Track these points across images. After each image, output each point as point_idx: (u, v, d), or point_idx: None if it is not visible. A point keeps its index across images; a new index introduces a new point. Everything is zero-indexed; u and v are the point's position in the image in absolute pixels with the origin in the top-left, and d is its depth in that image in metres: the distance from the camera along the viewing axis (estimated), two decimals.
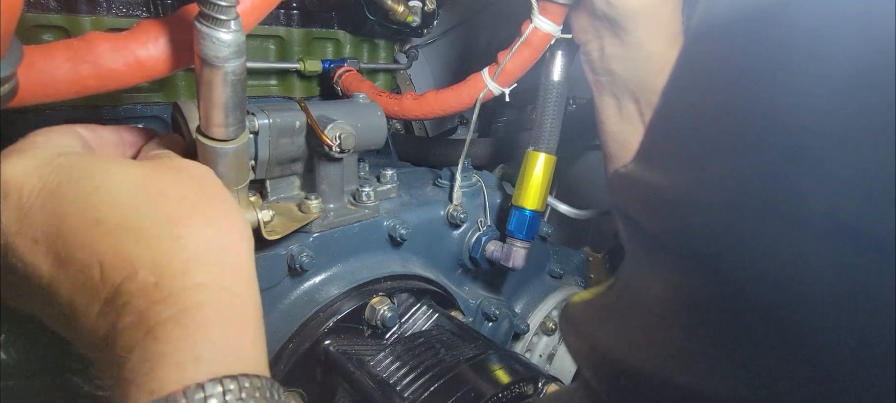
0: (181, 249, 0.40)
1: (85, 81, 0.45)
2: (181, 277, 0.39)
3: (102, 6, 0.79)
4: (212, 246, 0.42)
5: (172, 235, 0.41)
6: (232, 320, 0.40)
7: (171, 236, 0.41)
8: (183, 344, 0.37)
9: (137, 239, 0.40)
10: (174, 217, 0.42)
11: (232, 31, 0.42)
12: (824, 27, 0.19)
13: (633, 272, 0.27)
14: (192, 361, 0.37)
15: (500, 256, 0.81)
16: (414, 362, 0.63)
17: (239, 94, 0.46)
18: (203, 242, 0.42)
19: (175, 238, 0.41)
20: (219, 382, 0.35)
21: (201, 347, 0.37)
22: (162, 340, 0.37)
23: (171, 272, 0.39)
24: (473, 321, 0.86)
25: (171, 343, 0.37)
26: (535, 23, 0.73)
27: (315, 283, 0.68)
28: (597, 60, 0.72)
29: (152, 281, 0.39)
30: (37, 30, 0.74)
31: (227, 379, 0.36)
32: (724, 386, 0.21)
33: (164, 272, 0.39)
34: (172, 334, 0.37)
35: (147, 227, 0.41)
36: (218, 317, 0.39)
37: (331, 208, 0.68)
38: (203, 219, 0.43)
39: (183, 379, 0.35)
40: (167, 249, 0.40)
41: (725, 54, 0.23)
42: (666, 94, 0.27)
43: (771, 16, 0.21)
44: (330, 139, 0.63)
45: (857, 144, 0.17)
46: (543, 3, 0.72)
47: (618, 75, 0.71)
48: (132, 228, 0.40)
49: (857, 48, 0.18)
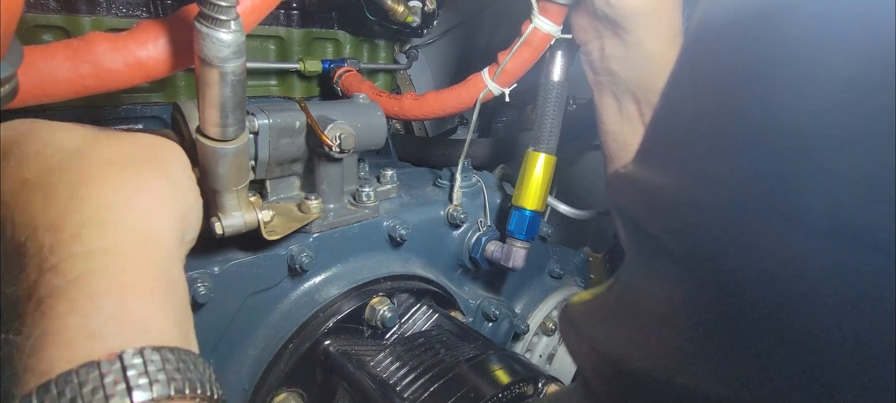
0: (77, 210, 0.37)
1: (85, 81, 0.45)
2: (71, 242, 0.36)
3: (102, 6, 0.79)
4: (116, 209, 0.38)
5: (75, 195, 0.37)
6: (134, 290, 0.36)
7: (72, 196, 0.37)
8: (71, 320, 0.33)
9: (44, 197, 0.37)
10: (81, 178, 0.38)
11: (232, 32, 0.42)
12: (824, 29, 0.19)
13: (632, 272, 0.27)
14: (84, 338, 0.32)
15: (500, 256, 0.81)
16: (414, 362, 0.63)
17: (239, 94, 0.46)
18: (106, 203, 0.38)
19: (76, 198, 0.37)
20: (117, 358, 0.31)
21: (93, 321, 0.33)
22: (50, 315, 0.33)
23: (63, 236, 0.36)
24: (473, 321, 0.86)
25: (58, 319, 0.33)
26: (535, 23, 0.73)
27: (315, 283, 0.68)
28: (597, 59, 0.72)
29: (47, 244, 0.35)
30: (37, 30, 0.74)
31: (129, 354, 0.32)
32: (722, 387, 0.21)
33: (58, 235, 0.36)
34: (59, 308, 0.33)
35: (56, 185, 0.38)
36: (114, 287, 0.35)
37: (331, 208, 0.68)
38: (118, 181, 0.39)
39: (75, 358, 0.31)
40: (64, 209, 0.37)
41: (725, 55, 0.23)
42: (666, 94, 0.27)
43: (771, 17, 0.21)
44: (330, 139, 0.63)
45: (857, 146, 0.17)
46: (543, 4, 0.72)
47: (618, 75, 0.71)
48: (44, 186, 0.38)
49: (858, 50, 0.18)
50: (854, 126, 0.18)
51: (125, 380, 0.31)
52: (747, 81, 0.21)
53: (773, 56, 0.20)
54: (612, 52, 0.70)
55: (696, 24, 0.26)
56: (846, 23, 0.18)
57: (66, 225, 0.36)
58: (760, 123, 0.20)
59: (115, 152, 0.41)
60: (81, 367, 0.31)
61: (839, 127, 0.18)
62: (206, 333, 0.60)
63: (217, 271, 0.59)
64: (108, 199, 0.38)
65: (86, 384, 0.30)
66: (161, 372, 0.32)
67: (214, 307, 0.59)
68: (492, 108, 1.37)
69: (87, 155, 0.40)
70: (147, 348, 0.33)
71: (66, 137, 0.41)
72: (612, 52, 0.70)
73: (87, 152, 0.40)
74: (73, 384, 0.30)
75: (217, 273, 0.58)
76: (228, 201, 0.53)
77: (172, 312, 0.37)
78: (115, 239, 0.37)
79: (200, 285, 0.56)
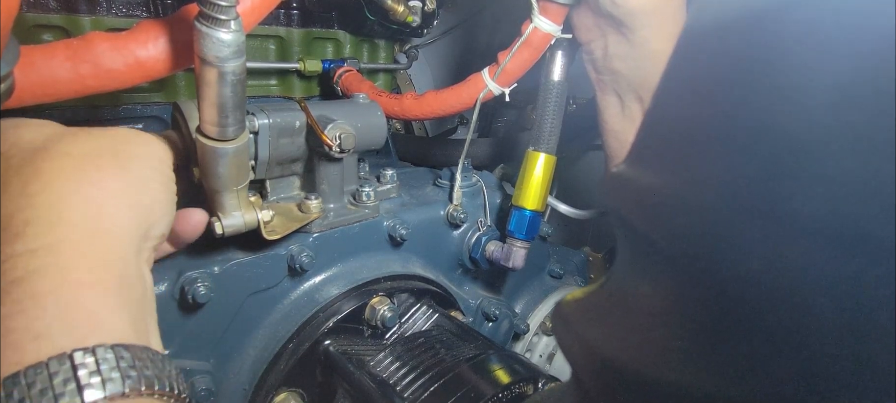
0: (24, 208, 0.36)
1: (85, 81, 0.45)
2: (15, 240, 0.35)
3: (102, 6, 0.79)
4: (65, 202, 0.37)
5: (25, 192, 0.36)
6: (83, 286, 0.35)
7: (22, 193, 0.36)
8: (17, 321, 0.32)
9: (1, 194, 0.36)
10: (40, 173, 0.37)
11: (232, 31, 0.42)
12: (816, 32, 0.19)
13: (624, 271, 0.27)
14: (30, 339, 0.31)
15: (500, 256, 0.81)
16: (414, 362, 0.63)
17: (239, 94, 0.46)
18: (56, 197, 0.36)
19: (26, 196, 0.36)
20: (67, 357, 0.31)
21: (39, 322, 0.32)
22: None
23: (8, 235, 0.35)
24: (473, 321, 0.86)
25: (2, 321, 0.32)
26: (536, 23, 0.73)
27: (315, 283, 0.68)
28: (600, 58, 0.72)
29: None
30: (37, 30, 0.74)
31: (79, 353, 0.31)
32: (710, 384, 0.21)
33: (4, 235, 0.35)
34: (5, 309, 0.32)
35: (11, 183, 0.37)
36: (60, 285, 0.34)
37: (331, 208, 0.68)
38: (71, 174, 0.38)
39: (22, 360, 0.31)
40: (13, 207, 0.36)
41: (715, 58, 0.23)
42: (657, 95, 0.27)
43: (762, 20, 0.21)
44: (330, 139, 0.63)
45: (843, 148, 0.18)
46: (544, 4, 0.72)
47: (621, 74, 0.71)
48: (3, 183, 0.37)
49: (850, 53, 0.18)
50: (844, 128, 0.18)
51: (76, 380, 0.30)
52: (735, 85, 0.22)
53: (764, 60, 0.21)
54: (615, 50, 0.70)
55: (687, 26, 0.26)
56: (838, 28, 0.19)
57: (12, 224, 0.35)
58: (748, 125, 0.21)
59: (76, 147, 0.39)
60: (29, 368, 0.30)
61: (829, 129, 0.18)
62: (206, 333, 0.60)
63: (217, 271, 0.59)
64: (58, 192, 0.37)
65: (34, 385, 0.29)
66: (114, 371, 0.31)
67: (214, 307, 0.59)
68: (492, 108, 1.37)
69: (47, 151, 0.38)
70: (99, 346, 0.32)
71: (33, 134, 0.40)
72: (615, 50, 0.70)
73: (48, 149, 0.39)
74: (21, 386, 0.29)
75: (217, 273, 0.58)
76: (228, 200, 0.53)
77: (127, 307, 0.36)
78: (61, 234, 0.36)
79: (200, 285, 0.56)
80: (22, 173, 0.37)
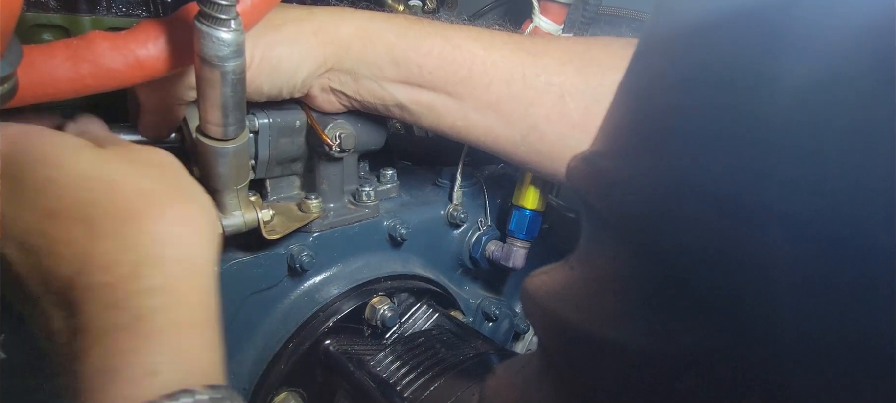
0: (129, 249, 0.38)
1: (85, 81, 0.45)
2: (130, 281, 0.37)
3: (102, 6, 0.79)
4: (164, 245, 0.39)
5: (120, 233, 0.38)
6: (186, 325, 0.38)
7: (118, 235, 0.38)
8: (135, 357, 0.35)
9: (87, 233, 0.38)
10: (125, 213, 0.39)
11: (232, 31, 0.42)
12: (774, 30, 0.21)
13: (584, 247, 0.31)
14: (147, 375, 0.35)
15: (500, 256, 0.81)
16: (414, 361, 0.63)
17: (239, 93, 0.46)
18: (154, 241, 0.39)
19: (123, 237, 0.38)
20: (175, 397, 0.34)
21: (155, 359, 0.35)
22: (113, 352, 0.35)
23: (120, 276, 0.37)
24: (473, 321, 0.86)
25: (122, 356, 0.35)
26: (536, 22, 0.73)
27: (315, 283, 0.68)
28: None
29: (104, 282, 0.37)
30: (37, 29, 0.74)
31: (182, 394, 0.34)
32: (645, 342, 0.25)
33: (114, 274, 0.37)
34: (124, 345, 0.35)
35: (97, 221, 0.38)
36: (170, 324, 0.37)
37: (331, 207, 0.68)
38: (156, 214, 0.40)
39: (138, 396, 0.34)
40: (116, 247, 0.38)
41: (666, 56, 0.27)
42: (618, 91, 0.30)
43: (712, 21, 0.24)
44: (330, 139, 0.63)
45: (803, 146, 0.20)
46: (544, 3, 0.72)
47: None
48: (82, 219, 0.38)
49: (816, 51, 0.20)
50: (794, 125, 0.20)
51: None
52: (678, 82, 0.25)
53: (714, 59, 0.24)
54: None
55: (645, 30, 0.30)
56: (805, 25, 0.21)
57: (122, 264, 0.37)
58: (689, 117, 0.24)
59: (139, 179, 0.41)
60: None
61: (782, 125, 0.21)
62: None
63: (217, 271, 0.58)
64: (155, 235, 0.39)
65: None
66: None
67: None
68: None
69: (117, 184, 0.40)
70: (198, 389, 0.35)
71: (73, 160, 0.41)
72: None
73: (113, 180, 0.40)
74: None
75: (217, 273, 0.58)
76: (229, 200, 0.53)
77: (216, 344, 0.40)
78: (168, 275, 0.38)
79: None
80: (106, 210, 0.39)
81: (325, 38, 0.58)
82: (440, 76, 0.60)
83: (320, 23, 0.58)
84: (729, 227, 0.21)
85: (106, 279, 0.37)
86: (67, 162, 0.40)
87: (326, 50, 0.58)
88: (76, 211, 0.38)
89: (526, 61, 0.61)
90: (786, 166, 0.20)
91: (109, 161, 0.42)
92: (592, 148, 0.31)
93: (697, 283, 0.23)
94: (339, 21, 0.59)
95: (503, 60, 0.61)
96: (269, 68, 0.56)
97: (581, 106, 0.61)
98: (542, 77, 0.61)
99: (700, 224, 0.22)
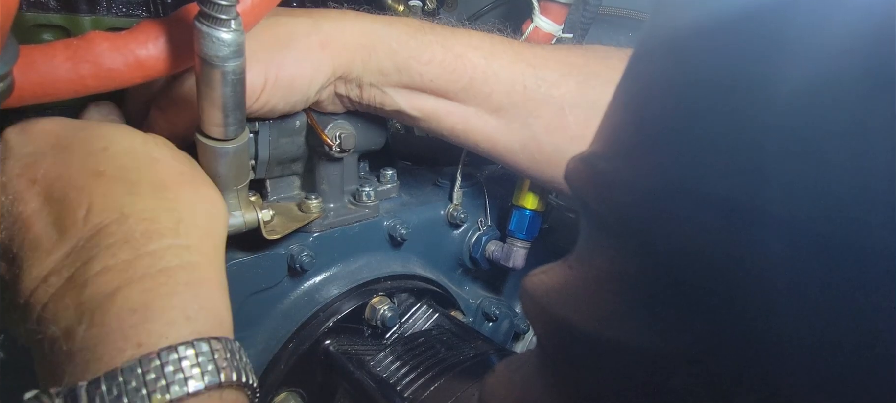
0: (171, 209, 0.43)
1: (85, 81, 0.45)
2: (171, 234, 0.41)
3: (102, 6, 0.79)
4: (199, 214, 0.45)
5: (164, 195, 0.43)
6: (212, 283, 0.42)
7: (162, 197, 0.43)
8: (174, 300, 0.38)
9: (130, 191, 0.42)
10: (167, 182, 0.44)
11: (232, 31, 0.42)
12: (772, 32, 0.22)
13: (582, 247, 0.31)
14: (183, 319, 0.38)
15: (500, 256, 0.81)
16: (414, 362, 0.63)
17: (239, 94, 0.46)
18: (191, 208, 0.44)
19: (167, 199, 0.43)
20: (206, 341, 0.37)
21: (191, 306, 0.39)
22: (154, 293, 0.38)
23: (161, 227, 0.41)
24: (473, 321, 0.86)
25: (163, 298, 0.38)
26: (536, 22, 0.73)
27: (315, 283, 0.68)
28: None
29: (142, 229, 0.40)
30: (37, 29, 0.74)
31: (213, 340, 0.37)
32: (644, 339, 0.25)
33: (156, 226, 0.41)
34: (164, 289, 0.38)
35: (140, 183, 0.43)
36: (203, 279, 0.41)
37: (331, 207, 0.68)
38: (192, 189, 0.46)
39: (175, 336, 0.36)
40: (159, 206, 0.42)
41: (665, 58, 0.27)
42: (616, 92, 0.30)
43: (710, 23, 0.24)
44: (330, 139, 0.63)
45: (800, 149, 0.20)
46: (545, 3, 0.73)
47: None
48: (127, 181, 0.43)
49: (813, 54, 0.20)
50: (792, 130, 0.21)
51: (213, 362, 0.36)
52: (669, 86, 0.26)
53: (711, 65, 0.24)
54: None
55: (644, 31, 0.30)
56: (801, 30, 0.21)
57: (164, 219, 0.42)
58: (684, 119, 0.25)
59: (177, 162, 0.48)
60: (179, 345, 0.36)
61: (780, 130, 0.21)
62: None
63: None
64: (190, 203, 0.45)
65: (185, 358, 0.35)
66: (224, 360, 0.37)
67: None
68: None
69: (160, 161, 0.46)
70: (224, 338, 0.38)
71: (126, 137, 0.46)
72: None
73: (157, 158, 0.46)
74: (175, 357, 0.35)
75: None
76: (229, 200, 0.53)
77: (230, 309, 0.44)
78: (199, 236, 0.43)
79: None
80: (148, 176, 0.44)
81: (333, 50, 0.58)
82: (441, 84, 0.61)
83: (327, 34, 0.58)
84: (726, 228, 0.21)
85: (146, 229, 0.40)
86: (119, 137, 0.46)
87: (335, 61, 0.58)
88: (121, 173, 0.43)
89: (526, 72, 0.62)
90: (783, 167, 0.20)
91: (151, 143, 0.47)
92: (591, 149, 0.31)
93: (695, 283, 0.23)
94: (343, 29, 0.59)
95: (504, 70, 0.61)
96: (283, 90, 0.56)
97: (580, 119, 0.62)
98: (542, 88, 0.62)
99: (698, 225, 0.22)
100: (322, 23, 0.58)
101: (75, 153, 0.44)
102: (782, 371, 0.21)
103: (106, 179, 0.42)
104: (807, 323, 0.20)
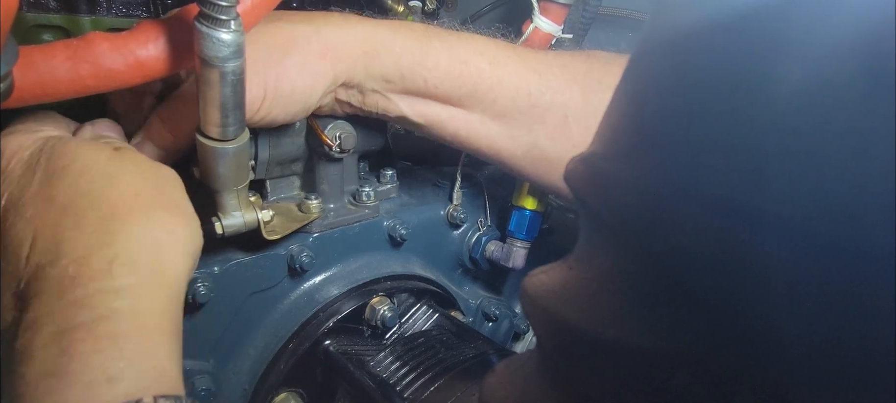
0: (108, 244, 0.37)
1: (85, 81, 0.45)
2: (100, 277, 0.36)
3: (102, 6, 0.79)
4: (145, 247, 0.39)
5: (106, 228, 0.38)
6: (151, 332, 0.37)
7: (104, 229, 0.38)
8: (93, 360, 0.33)
9: (74, 224, 0.37)
10: (116, 209, 0.39)
11: (232, 31, 0.42)
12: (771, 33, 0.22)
13: (582, 247, 0.31)
14: (103, 381, 0.33)
15: (500, 256, 0.81)
16: (414, 362, 0.63)
17: (239, 94, 0.46)
18: (136, 241, 0.39)
19: (108, 232, 0.38)
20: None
21: (114, 365, 0.33)
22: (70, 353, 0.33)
23: (91, 270, 0.36)
24: (473, 321, 0.86)
25: (80, 358, 0.33)
26: (536, 23, 0.73)
27: (315, 283, 0.68)
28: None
29: (71, 274, 0.35)
30: (37, 30, 0.74)
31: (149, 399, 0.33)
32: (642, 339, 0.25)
33: (85, 268, 0.36)
34: (83, 347, 0.33)
35: (86, 213, 0.38)
36: (135, 329, 0.36)
37: (331, 208, 0.68)
38: (146, 217, 0.40)
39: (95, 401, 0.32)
40: (95, 242, 0.37)
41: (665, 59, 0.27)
42: (616, 93, 0.31)
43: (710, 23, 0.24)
44: (330, 139, 0.63)
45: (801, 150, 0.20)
46: (544, 4, 0.73)
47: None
48: (75, 211, 0.38)
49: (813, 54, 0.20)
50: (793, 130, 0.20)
51: None
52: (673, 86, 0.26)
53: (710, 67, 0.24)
54: None
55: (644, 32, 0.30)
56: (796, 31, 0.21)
57: (96, 259, 0.36)
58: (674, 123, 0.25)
59: (139, 182, 0.42)
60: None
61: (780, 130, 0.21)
62: (206, 333, 0.60)
63: (217, 271, 0.58)
64: (135, 235, 0.39)
65: None
66: None
67: (214, 307, 0.59)
68: None
69: (115, 182, 0.41)
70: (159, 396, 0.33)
71: (89, 155, 0.42)
72: None
73: (114, 179, 0.41)
74: None
75: (217, 273, 0.58)
76: (228, 200, 0.53)
77: (177, 355, 0.38)
78: (140, 278, 0.37)
79: (200, 285, 0.56)
80: (96, 203, 0.39)
81: (333, 58, 0.56)
82: (445, 90, 0.60)
83: (327, 41, 0.55)
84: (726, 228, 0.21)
85: (76, 272, 0.35)
86: (82, 155, 0.41)
87: (336, 69, 0.56)
88: (71, 201, 0.39)
89: (531, 79, 0.61)
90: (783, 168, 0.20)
91: (114, 160, 0.42)
92: (591, 149, 0.31)
93: (694, 283, 0.23)
94: (344, 36, 0.56)
95: (509, 76, 0.61)
96: (283, 101, 0.54)
97: (583, 127, 0.62)
98: (546, 95, 0.61)
99: (697, 226, 0.22)
100: (323, 28, 0.56)
101: (38, 173, 0.40)
102: (782, 371, 0.21)
103: (55, 208, 0.38)
104: (806, 323, 0.20)
